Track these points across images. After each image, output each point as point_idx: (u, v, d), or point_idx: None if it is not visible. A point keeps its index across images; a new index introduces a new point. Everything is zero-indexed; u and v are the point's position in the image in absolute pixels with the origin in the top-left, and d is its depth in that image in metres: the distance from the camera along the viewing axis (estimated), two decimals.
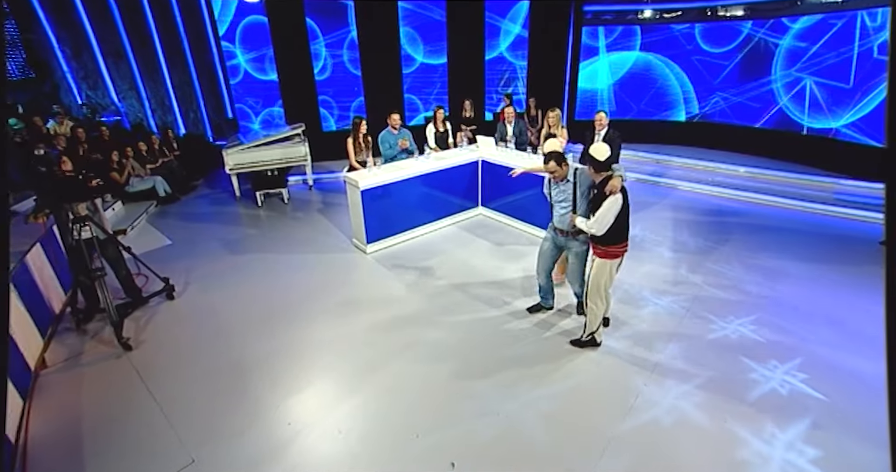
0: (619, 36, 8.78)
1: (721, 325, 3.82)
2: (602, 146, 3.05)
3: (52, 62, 8.76)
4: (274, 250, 5.38)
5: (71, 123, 7.87)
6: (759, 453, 2.66)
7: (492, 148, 5.89)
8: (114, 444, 2.85)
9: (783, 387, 3.15)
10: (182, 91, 9.96)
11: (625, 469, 2.58)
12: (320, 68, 8.46)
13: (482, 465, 2.64)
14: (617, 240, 3.17)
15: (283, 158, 7.00)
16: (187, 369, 3.49)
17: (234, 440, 2.86)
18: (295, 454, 2.75)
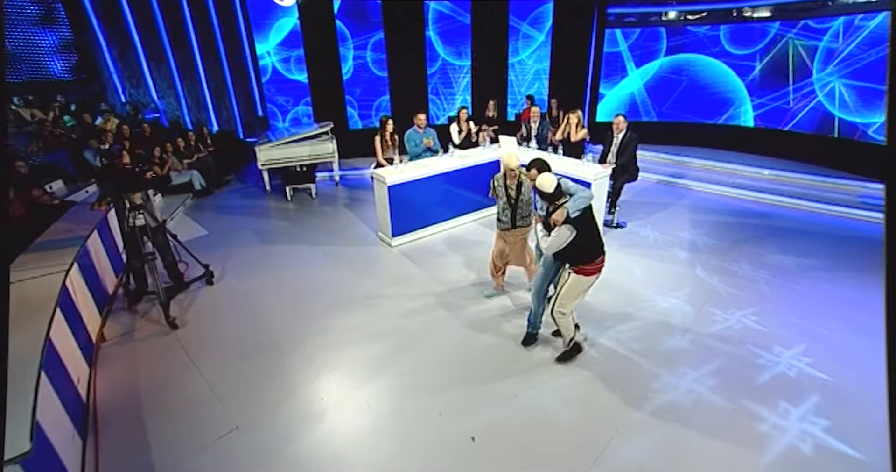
0: (643, 39, 8.81)
1: (724, 317, 3.98)
2: (547, 178, 2.96)
3: (101, 63, 9.32)
4: (303, 242, 5.69)
5: (116, 120, 8.37)
6: (776, 425, 2.91)
7: (514, 147, 6.06)
8: (167, 409, 3.16)
9: (790, 370, 3.36)
10: (216, 90, 10.45)
11: (657, 443, 2.79)
12: (348, 69, 8.78)
13: (503, 442, 2.84)
14: (587, 260, 3.08)
15: (312, 155, 7.32)
16: (228, 347, 3.80)
17: (272, 410, 3.13)
18: (328, 424, 3.01)
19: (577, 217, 2.92)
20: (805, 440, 2.80)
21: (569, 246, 2.97)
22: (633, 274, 4.73)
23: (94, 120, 8.25)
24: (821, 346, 3.58)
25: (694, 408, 3.05)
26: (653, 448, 2.77)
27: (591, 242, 3.07)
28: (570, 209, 2.90)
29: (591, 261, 3.09)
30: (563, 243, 2.94)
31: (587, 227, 3.01)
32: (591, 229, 3.07)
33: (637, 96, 9.17)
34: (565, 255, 3.07)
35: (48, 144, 7.02)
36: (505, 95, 9.31)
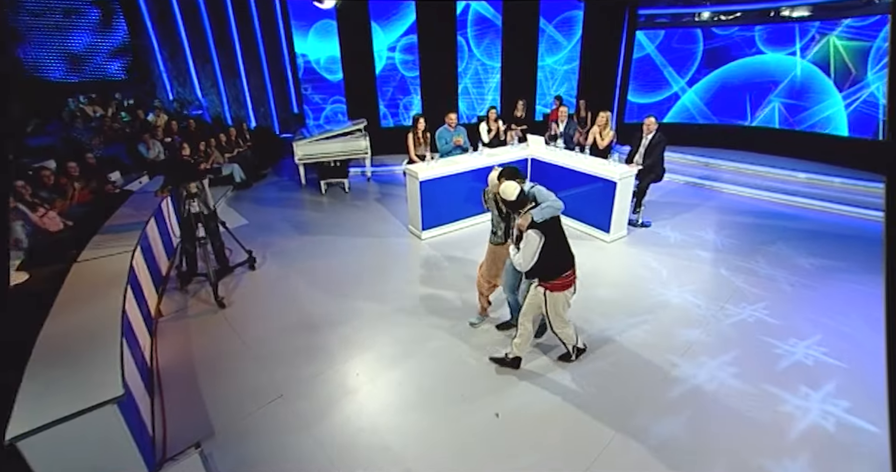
0: (676, 41, 8.78)
1: (737, 311, 4.14)
2: (509, 186, 2.93)
3: (152, 64, 9.95)
4: (337, 233, 6.01)
5: (166, 116, 8.94)
6: (799, 406, 3.10)
7: (541, 146, 6.24)
8: (218, 377, 3.50)
9: (807, 359, 3.52)
10: (255, 89, 10.97)
11: (687, 420, 2.98)
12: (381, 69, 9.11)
13: (530, 421, 3.04)
14: (556, 272, 3.04)
15: (346, 151, 7.67)
16: (270, 325, 4.12)
17: (312, 382, 3.43)
18: (362, 396, 3.28)
19: (544, 224, 2.89)
20: (827, 419, 2.99)
21: (538, 257, 2.90)
22: (655, 270, 4.85)
23: (146, 116, 8.84)
24: (835, 338, 3.73)
25: (718, 391, 3.23)
26: (683, 425, 2.96)
27: (557, 253, 3.00)
28: (536, 216, 2.87)
29: (560, 274, 3.03)
30: (534, 252, 2.88)
31: (555, 236, 2.95)
32: (558, 240, 3.01)
33: (691, 106, 9.06)
34: (534, 268, 2.98)
35: (108, 137, 7.59)
36: (534, 96, 9.46)
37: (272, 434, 2.98)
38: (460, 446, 2.88)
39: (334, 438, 2.94)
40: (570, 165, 5.69)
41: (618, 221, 5.37)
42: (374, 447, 2.87)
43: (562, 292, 3.10)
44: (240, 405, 3.23)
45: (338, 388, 3.37)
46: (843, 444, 2.81)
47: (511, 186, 2.94)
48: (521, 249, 2.95)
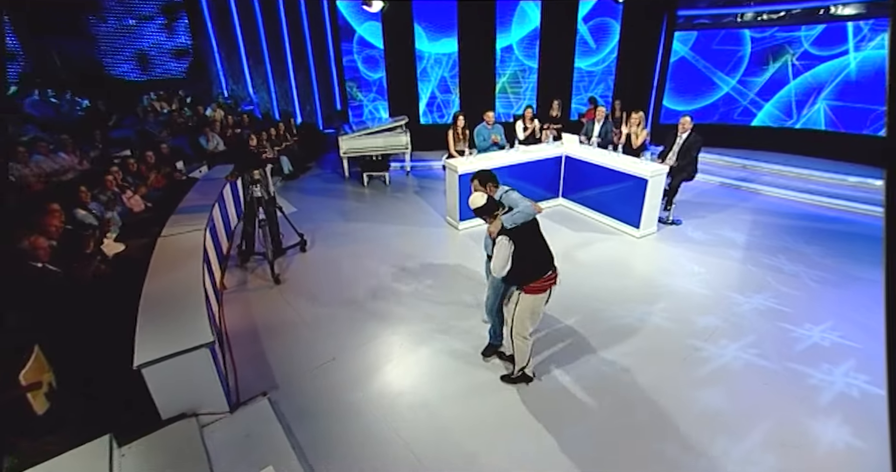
0: (718, 42, 8.71)
1: (744, 299, 4.37)
2: (474, 197, 2.97)
3: (210, 63, 10.75)
4: (379, 221, 6.45)
5: (222, 111, 9.66)
6: (823, 380, 3.37)
7: (575, 145, 6.48)
8: (277, 341, 3.97)
9: (823, 341, 3.77)
10: (302, 87, 11.62)
11: (725, 393, 3.25)
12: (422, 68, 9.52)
13: (572, 397, 3.31)
14: (531, 277, 3.01)
15: (387, 146, 8.11)
16: (320, 300, 4.57)
17: (359, 350, 3.83)
18: (404, 363, 3.66)
19: (515, 230, 2.87)
20: (852, 388, 3.27)
21: (511, 262, 2.89)
22: (680, 264, 5.02)
23: (205, 111, 9.58)
24: (848, 323, 3.94)
25: (745, 369, 3.49)
26: (722, 396, 3.23)
27: (533, 257, 2.99)
28: (506, 223, 2.87)
29: (537, 278, 3.01)
30: (507, 258, 2.86)
31: (529, 241, 2.95)
32: (534, 244, 3.01)
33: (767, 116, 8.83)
34: (510, 273, 2.94)
35: (174, 130, 8.33)
36: (569, 96, 9.63)
37: (327, 390, 3.40)
38: (497, 410, 3.20)
39: (381, 397, 3.33)
40: (602, 163, 5.91)
41: (648, 217, 5.55)
42: (415, 406, 3.24)
43: (536, 295, 3.04)
44: (298, 365, 3.67)
45: (382, 356, 3.76)
46: (870, 408, 3.07)
47: (476, 196, 2.96)
48: (493, 255, 2.94)
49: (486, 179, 3.24)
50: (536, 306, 3.10)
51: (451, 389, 3.40)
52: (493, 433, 3.00)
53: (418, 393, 3.36)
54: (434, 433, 3.00)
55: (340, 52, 9.95)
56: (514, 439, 2.96)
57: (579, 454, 2.82)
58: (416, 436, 2.97)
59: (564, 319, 4.14)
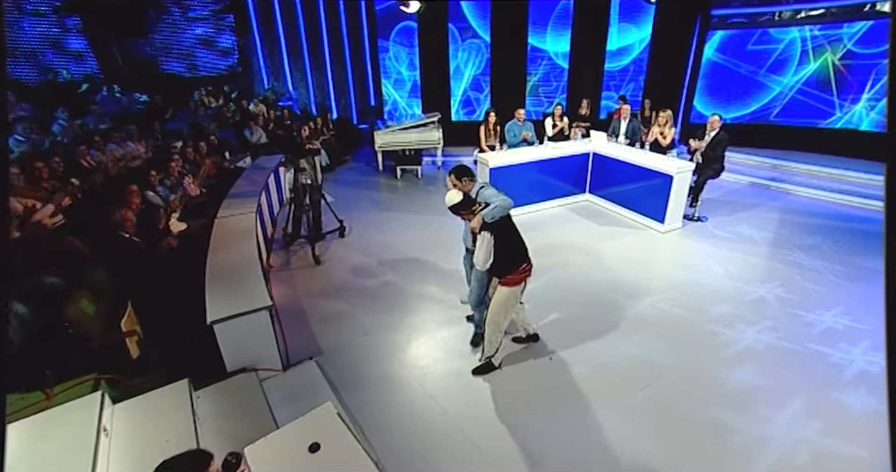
0: (755, 42, 8.64)
1: (759, 289, 4.52)
2: (450, 195, 3.06)
3: (253, 60, 11.35)
4: (411, 211, 6.80)
5: (264, 106, 10.22)
6: (844, 358, 3.56)
7: (603, 142, 6.65)
8: (319, 315, 4.34)
9: (837, 325, 3.94)
10: (338, 83, 12.12)
11: (755, 371, 3.44)
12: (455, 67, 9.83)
13: (607, 379, 3.54)
14: (510, 269, 3.13)
15: (420, 141, 8.46)
16: (358, 280, 4.94)
17: (392, 326, 4.16)
18: (437, 337, 3.98)
19: (495, 224, 2.99)
20: (872, 366, 3.44)
21: (493, 255, 3.01)
22: (702, 258, 5.16)
23: (248, 105, 10.16)
24: (860, 310, 4.08)
25: (768, 350, 3.68)
26: (752, 373, 3.42)
27: (511, 250, 3.11)
28: (486, 217, 2.97)
29: (515, 269, 3.14)
30: (490, 250, 2.99)
31: (506, 234, 3.06)
32: (511, 237, 3.12)
33: None
34: (492, 265, 3.08)
35: (221, 124, 8.90)
36: (599, 95, 9.75)
37: (367, 358, 3.75)
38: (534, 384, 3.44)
39: (416, 365, 3.65)
40: (629, 160, 6.07)
41: (673, 213, 5.69)
42: (450, 373, 3.55)
43: (514, 287, 3.17)
44: (339, 336, 4.04)
45: (416, 330, 4.09)
46: None
47: (452, 193, 3.06)
48: (476, 249, 3.06)
49: (462, 174, 3.32)
50: (513, 298, 3.21)
51: None
52: (533, 407, 3.22)
53: (451, 362, 3.66)
54: (470, 403, 3.25)
55: (377, 49, 10.37)
56: (556, 413, 3.12)
57: (630, 425, 2.99)
58: (453, 403, 3.24)
59: (588, 306, 4.36)
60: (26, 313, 2.75)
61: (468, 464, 2.77)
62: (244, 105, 10.13)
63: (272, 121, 9.56)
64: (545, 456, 2.80)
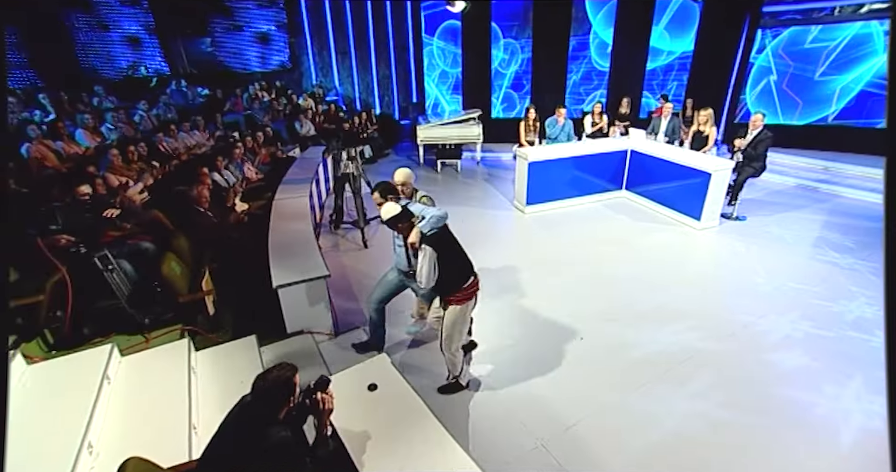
0: (814, 38, 8.32)
1: (788, 284, 4.59)
2: (388, 207, 2.89)
3: (303, 57, 11.96)
4: (451, 203, 7.07)
5: (312, 101, 10.79)
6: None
7: (642, 139, 6.72)
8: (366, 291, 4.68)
9: (865, 313, 4.03)
10: (382, 80, 12.58)
11: (802, 358, 3.54)
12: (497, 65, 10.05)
13: (654, 365, 3.78)
14: (457, 285, 2.94)
15: (460, 136, 8.74)
16: None
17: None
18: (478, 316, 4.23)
19: (435, 236, 2.82)
20: None
21: (437, 271, 2.81)
22: (737, 255, 5.19)
23: (298, 100, 10.75)
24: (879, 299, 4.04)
25: (807, 338, 3.76)
26: (801, 360, 3.52)
27: (455, 264, 2.93)
28: (424, 229, 2.81)
29: (462, 285, 2.95)
30: (433, 266, 2.77)
31: (448, 248, 2.90)
32: (454, 251, 2.96)
33: None
34: (438, 283, 2.85)
35: (273, 116, 9.50)
36: (640, 93, 9.72)
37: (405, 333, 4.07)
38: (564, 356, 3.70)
39: None
40: (667, 157, 6.13)
41: (710, 211, 5.72)
42: (484, 343, 3.82)
43: (463, 305, 2.99)
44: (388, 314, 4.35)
45: None
46: None
47: (388, 206, 2.90)
48: (418, 267, 2.81)
49: (388, 191, 3.22)
50: (464, 316, 3.04)
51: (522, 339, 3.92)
52: (587, 389, 3.44)
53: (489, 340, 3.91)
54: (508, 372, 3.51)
55: (421, 47, 10.73)
56: (630, 398, 3.22)
57: (704, 403, 3.12)
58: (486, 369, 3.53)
59: (621, 297, 4.49)
60: (130, 271, 3.22)
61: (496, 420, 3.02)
62: (294, 99, 10.74)
63: (320, 114, 10.10)
64: (639, 427, 2.97)
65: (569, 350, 3.75)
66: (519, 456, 2.66)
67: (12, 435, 2.06)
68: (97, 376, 2.45)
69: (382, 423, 2.05)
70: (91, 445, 2.06)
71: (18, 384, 2.28)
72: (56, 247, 2.94)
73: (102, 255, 3.08)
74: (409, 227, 2.87)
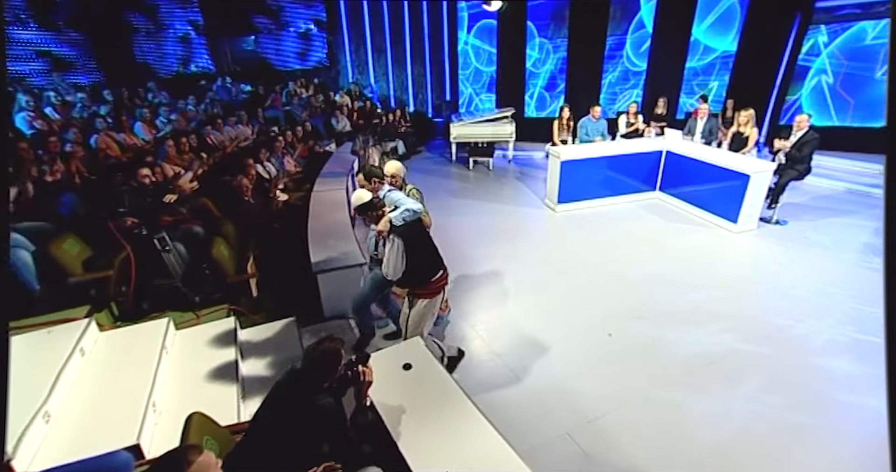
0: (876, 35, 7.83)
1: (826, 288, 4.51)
2: (359, 193, 2.86)
3: (340, 55, 12.30)
4: (482, 199, 7.18)
5: (348, 98, 11.08)
6: None
7: (678, 140, 6.61)
8: None
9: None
10: (416, 78, 12.77)
11: (850, 363, 3.46)
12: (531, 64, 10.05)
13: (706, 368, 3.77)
14: (424, 278, 2.93)
15: (493, 134, 8.81)
16: None
17: (470, 291, 4.57)
18: (509, 305, 4.33)
19: (405, 228, 2.77)
20: None
21: (405, 263, 2.78)
22: (774, 259, 5.07)
23: (335, 96, 11.07)
24: None
25: (852, 343, 3.66)
26: (854, 363, 3.44)
27: (424, 257, 2.91)
28: (395, 220, 2.75)
29: (430, 279, 2.94)
30: (400, 258, 2.74)
31: (418, 240, 2.86)
32: (423, 244, 2.92)
33: None
34: (405, 275, 2.83)
35: (311, 112, 9.83)
36: (677, 94, 9.51)
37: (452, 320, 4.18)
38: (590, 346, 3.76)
39: (484, 330, 4.03)
40: (703, 158, 6.01)
41: (747, 214, 5.59)
42: (513, 334, 3.91)
43: (431, 299, 2.98)
44: None
45: (489, 298, 4.47)
46: None
47: (360, 192, 2.86)
48: (385, 257, 2.81)
49: (372, 174, 3.17)
50: (430, 309, 3.00)
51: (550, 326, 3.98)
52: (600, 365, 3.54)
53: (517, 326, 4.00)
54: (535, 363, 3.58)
55: (456, 47, 10.84)
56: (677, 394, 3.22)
57: (770, 399, 3.12)
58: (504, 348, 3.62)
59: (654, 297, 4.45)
60: (184, 252, 3.48)
61: None
62: (331, 96, 11.06)
63: (355, 111, 10.37)
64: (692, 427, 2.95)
65: (598, 346, 3.78)
66: (544, 442, 2.74)
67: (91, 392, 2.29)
68: (157, 345, 2.69)
69: (416, 400, 2.17)
70: (155, 404, 2.28)
71: (94, 348, 2.55)
72: (123, 228, 3.22)
73: (161, 236, 3.34)
74: (378, 216, 2.83)
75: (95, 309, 2.93)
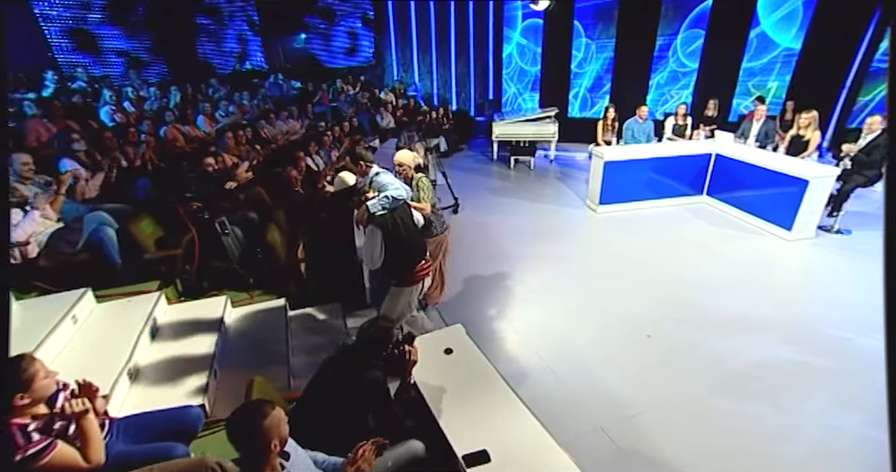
0: None
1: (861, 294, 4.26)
2: (343, 174, 2.78)
3: (386, 53, 12.58)
4: (522, 198, 7.19)
5: (392, 95, 11.33)
6: None
7: (729, 143, 6.36)
8: None
9: None
10: (460, 77, 12.88)
11: None
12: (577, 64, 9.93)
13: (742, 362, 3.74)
14: (403, 267, 2.85)
15: (535, 134, 8.77)
16: (471, 253, 5.44)
17: (509, 288, 4.62)
18: (542, 304, 4.35)
19: (384, 216, 2.69)
20: None
21: (384, 251, 2.70)
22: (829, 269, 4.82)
23: (380, 94, 11.35)
24: None
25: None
26: None
27: (403, 247, 2.81)
28: (372, 208, 2.68)
29: (409, 269, 2.87)
30: (376, 246, 2.67)
31: (399, 228, 2.76)
32: (404, 234, 2.80)
33: None
34: (385, 263, 2.75)
35: (357, 108, 10.14)
36: (731, 95, 9.12)
37: (480, 311, 4.26)
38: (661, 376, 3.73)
39: (522, 325, 4.07)
40: (757, 162, 5.76)
41: (804, 221, 5.31)
42: (550, 331, 3.93)
43: (408, 287, 2.93)
44: (454, 289, 4.61)
45: (525, 294, 4.51)
46: None
47: (344, 174, 2.79)
48: (363, 245, 2.76)
49: (359, 157, 3.04)
50: (407, 297, 2.95)
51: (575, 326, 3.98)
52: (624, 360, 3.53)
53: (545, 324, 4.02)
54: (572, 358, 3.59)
55: (501, 46, 10.86)
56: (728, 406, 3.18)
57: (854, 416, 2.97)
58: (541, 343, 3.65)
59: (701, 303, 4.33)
60: (241, 236, 3.72)
61: None
62: (376, 93, 11.36)
63: (399, 108, 10.61)
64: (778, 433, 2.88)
65: (637, 346, 3.74)
66: (578, 435, 2.76)
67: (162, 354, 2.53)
68: (216, 319, 2.91)
69: (457, 382, 2.26)
70: (216, 370, 2.49)
71: (164, 319, 2.80)
72: (189, 211, 3.49)
73: (221, 221, 3.60)
74: (360, 202, 2.75)
75: (164, 284, 3.20)
